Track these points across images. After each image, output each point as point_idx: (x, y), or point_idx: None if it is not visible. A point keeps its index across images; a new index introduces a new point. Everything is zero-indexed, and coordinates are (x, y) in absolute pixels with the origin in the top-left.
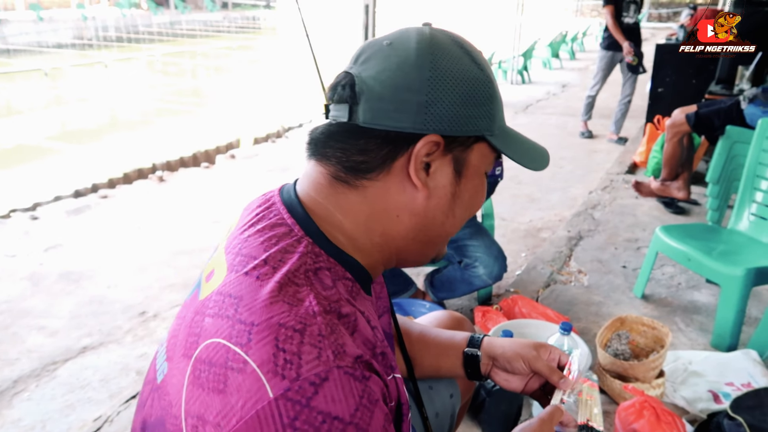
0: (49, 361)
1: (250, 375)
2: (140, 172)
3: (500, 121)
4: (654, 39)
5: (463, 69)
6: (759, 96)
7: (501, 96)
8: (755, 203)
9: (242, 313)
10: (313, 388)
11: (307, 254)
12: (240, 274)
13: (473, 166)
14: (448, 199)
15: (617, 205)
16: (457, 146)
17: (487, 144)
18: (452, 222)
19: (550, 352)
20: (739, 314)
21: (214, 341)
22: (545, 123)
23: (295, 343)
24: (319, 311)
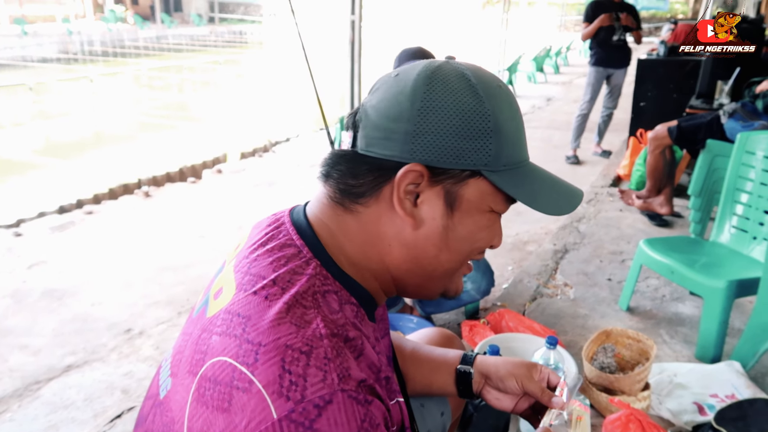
0: (32, 380)
1: (255, 395)
2: (126, 188)
3: (508, 158)
4: (635, 54)
5: (458, 101)
6: (738, 111)
7: (516, 133)
8: (736, 216)
9: (250, 332)
10: (317, 411)
11: (315, 276)
12: (248, 294)
13: (469, 202)
14: (439, 231)
15: (602, 218)
16: (447, 179)
17: (487, 181)
18: (449, 257)
19: (540, 371)
20: (722, 326)
21: (221, 360)
22: (531, 136)
23: (301, 365)
24: (326, 334)
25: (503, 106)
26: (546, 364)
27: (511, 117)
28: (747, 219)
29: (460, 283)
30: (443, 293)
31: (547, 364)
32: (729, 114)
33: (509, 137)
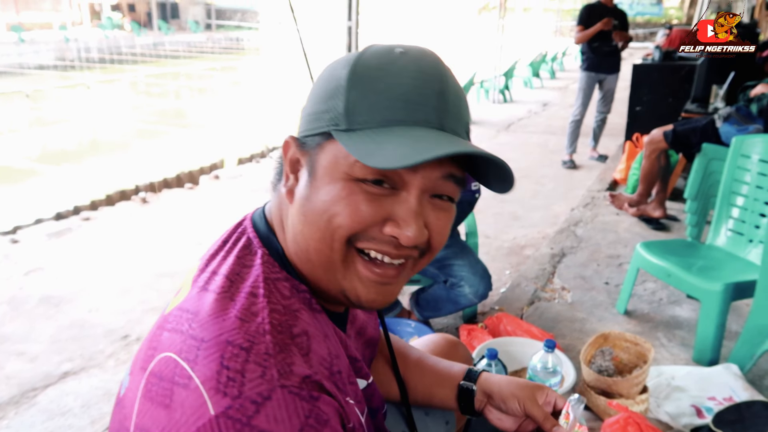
0: (28, 387)
1: (193, 391)
2: (123, 194)
3: (370, 117)
4: (631, 59)
5: (331, 68)
6: (733, 115)
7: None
8: (732, 219)
9: (195, 328)
10: (255, 407)
11: (263, 264)
12: (200, 290)
13: (324, 167)
14: (301, 202)
15: (599, 222)
16: (309, 146)
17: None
18: (309, 230)
19: (546, 394)
20: (719, 329)
21: (166, 355)
22: (527, 141)
23: (240, 360)
24: (269, 330)
25: (376, 61)
26: (544, 367)
27: (390, 67)
28: (743, 222)
29: (362, 286)
30: (344, 295)
31: (545, 367)
32: (724, 118)
33: (373, 92)
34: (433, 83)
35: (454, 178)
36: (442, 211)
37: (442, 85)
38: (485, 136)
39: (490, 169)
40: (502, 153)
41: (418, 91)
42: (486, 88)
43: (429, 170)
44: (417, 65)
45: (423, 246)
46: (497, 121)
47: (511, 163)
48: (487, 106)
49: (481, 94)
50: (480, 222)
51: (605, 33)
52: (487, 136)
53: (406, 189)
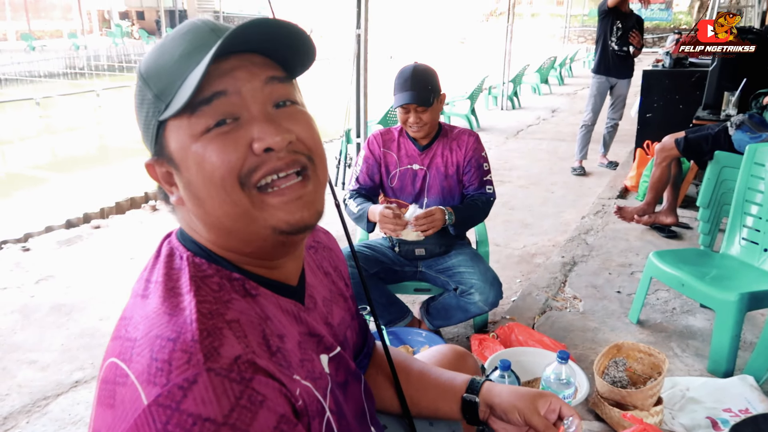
0: (40, 396)
1: (130, 387)
2: (133, 202)
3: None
4: (640, 65)
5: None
6: (746, 122)
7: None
8: (746, 227)
9: (130, 331)
10: (182, 392)
11: (189, 265)
12: (135, 297)
13: (176, 150)
14: (187, 193)
15: (610, 230)
16: (162, 153)
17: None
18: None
19: (550, 403)
20: (734, 339)
21: (110, 361)
22: (536, 148)
23: (167, 351)
24: (196, 318)
25: (150, 54)
26: (558, 378)
27: (163, 48)
28: (757, 231)
29: (283, 211)
30: (277, 231)
31: (559, 378)
32: (736, 125)
33: (161, 69)
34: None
35: (277, 78)
36: (294, 114)
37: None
38: (494, 142)
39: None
40: (511, 160)
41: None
42: (494, 94)
43: (245, 82)
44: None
45: (301, 149)
46: (506, 127)
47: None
48: (495, 113)
49: (489, 100)
50: (490, 230)
51: (622, 35)
52: (496, 143)
53: (246, 110)
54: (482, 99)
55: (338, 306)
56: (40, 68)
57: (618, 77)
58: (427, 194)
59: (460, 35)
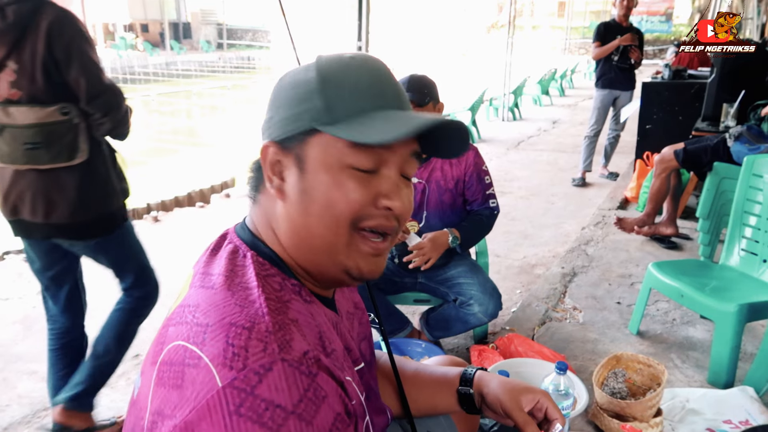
0: (40, 407)
1: (203, 369)
2: (135, 212)
3: (348, 108)
4: (641, 77)
5: (292, 79)
6: (744, 134)
7: (357, 83)
8: (745, 238)
9: (199, 317)
10: (258, 377)
11: (254, 264)
12: (198, 288)
13: (315, 159)
14: (297, 197)
15: (610, 241)
16: (293, 145)
17: (328, 135)
18: (315, 222)
19: (537, 400)
20: (734, 350)
21: (175, 344)
22: (537, 159)
23: (243, 338)
24: (267, 311)
25: (336, 64)
26: (556, 390)
27: (349, 68)
28: (756, 242)
29: (364, 262)
30: (347, 272)
31: (557, 390)
32: (735, 137)
33: (343, 88)
34: (385, 75)
35: (417, 155)
36: (409, 189)
37: (390, 76)
38: (494, 153)
39: (447, 139)
40: (512, 171)
41: (378, 82)
42: (495, 105)
43: (402, 148)
44: (367, 64)
45: (398, 217)
46: (507, 138)
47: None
48: (496, 124)
49: (490, 111)
50: (490, 241)
51: (624, 49)
52: (497, 154)
53: (387, 167)
54: (483, 110)
55: (357, 319)
56: None
57: (621, 89)
58: (426, 207)
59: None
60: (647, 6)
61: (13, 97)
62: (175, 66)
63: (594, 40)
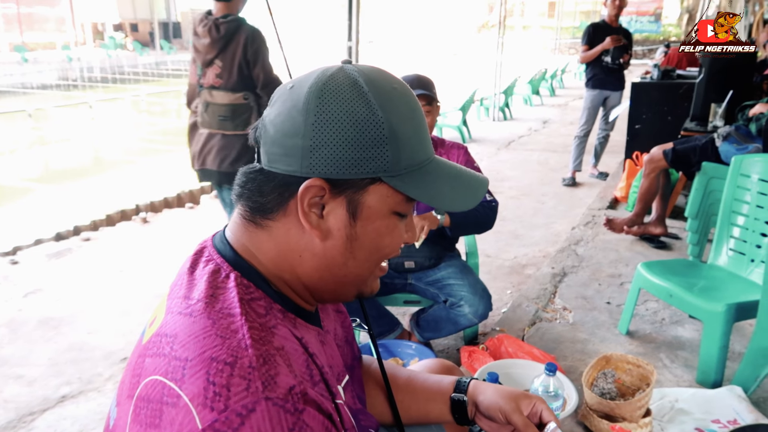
0: (26, 411)
1: (182, 408)
2: (123, 214)
3: (408, 160)
4: (630, 77)
5: (350, 112)
6: (732, 134)
7: (415, 135)
8: (733, 238)
9: (177, 349)
10: (240, 419)
11: (238, 286)
12: (175, 314)
13: (371, 208)
14: (344, 240)
15: (600, 241)
16: (348, 189)
17: (387, 185)
18: (356, 264)
19: (534, 405)
20: (722, 350)
21: (152, 378)
22: (527, 159)
23: (225, 375)
24: (251, 343)
25: (398, 110)
26: (546, 390)
27: (409, 119)
28: (744, 242)
29: (376, 284)
30: (358, 295)
31: (547, 390)
32: (723, 137)
33: (407, 140)
34: (421, 112)
35: None
36: None
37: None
38: (485, 153)
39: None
40: (502, 171)
41: (424, 127)
42: (486, 105)
43: None
44: (412, 102)
45: None
46: (497, 138)
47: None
48: (487, 124)
49: (481, 111)
50: (481, 241)
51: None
52: (487, 154)
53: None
54: (474, 110)
55: (338, 323)
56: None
57: (611, 90)
58: (417, 205)
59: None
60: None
61: (216, 84)
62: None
63: (583, 43)
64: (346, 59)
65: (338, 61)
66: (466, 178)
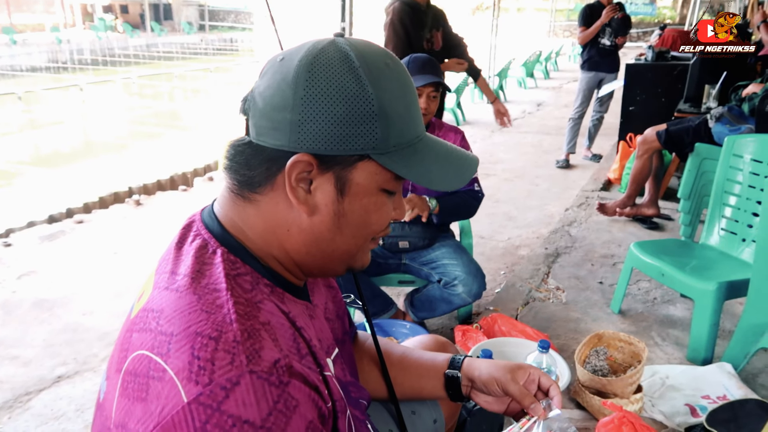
0: (22, 392)
1: (168, 382)
2: (116, 196)
3: (398, 138)
4: (624, 59)
5: (340, 87)
6: (725, 115)
7: (406, 112)
8: (724, 218)
9: (163, 324)
10: (224, 392)
11: (224, 262)
12: (162, 290)
13: (358, 185)
14: (331, 216)
15: (593, 222)
16: (335, 165)
17: (376, 162)
18: (343, 240)
19: (529, 374)
20: (712, 328)
21: (139, 353)
22: (521, 141)
23: (209, 350)
24: (235, 318)
25: (390, 87)
26: (539, 367)
27: (400, 96)
28: (736, 221)
29: (367, 257)
30: (348, 269)
31: (540, 367)
32: (716, 118)
33: (397, 118)
34: (414, 90)
35: None
36: None
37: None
38: (479, 136)
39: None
40: (496, 153)
41: (415, 105)
42: None
43: None
44: (404, 79)
45: None
46: (491, 121)
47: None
48: (481, 107)
49: (475, 94)
50: (474, 222)
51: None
52: (481, 136)
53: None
54: (468, 93)
55: (329, 298)
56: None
57: (606, 72)
58: (412, 187)
59: None
60: None
61: None
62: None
63: (580, 24)
64: (338, 32)
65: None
66: (456, 157)
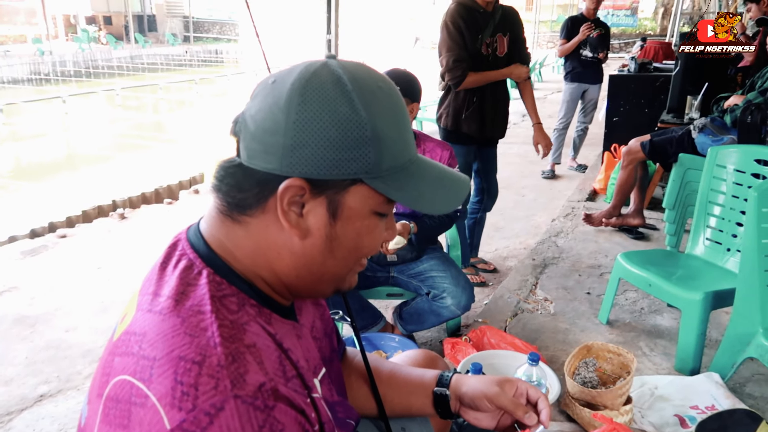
0: (3, 411)
1: (150, 409)
2: (100, 210)
3: (391, 162)
4: (607, 70)
5: (332, 111)
6: (708, 125)
7: (399, 136)
8: (709, 228)
9: (145, 348)
10: (208, 419)
11: (210, 283)
12: (145, 312)
13: (351, 209)
14: (323, 240)
15: (579, 232)
16: (328, 189)
17: (368, 186)
18: (335, 263)
19: (517, 387)
20: (700, 338)
21: (121, 378)
22: (507, 152)
23: (193, 374)
24: (220, 341)
25: (382, 110)
26: (528, 380)
27: (393, 119)
28: (720, 231)
29: (354, 279)
30: (336, 291)
31: (530, 380)
32: (699, 129)
33: (390, 141)
34: (405, 110)
35: None
36: None
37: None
38: None
39: None
40: None
41: (407, 128)
42: None
43: None
44: (396, 102)
45: None
46: None
47: None
48: None
49: None
50: None
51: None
52: None
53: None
54: None
55: (317, 317)
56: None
57: (589, 83)
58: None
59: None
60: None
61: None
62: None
63: (561, 37)
64: (330, 54)
65: (322, 55)
66: (448, 179)
